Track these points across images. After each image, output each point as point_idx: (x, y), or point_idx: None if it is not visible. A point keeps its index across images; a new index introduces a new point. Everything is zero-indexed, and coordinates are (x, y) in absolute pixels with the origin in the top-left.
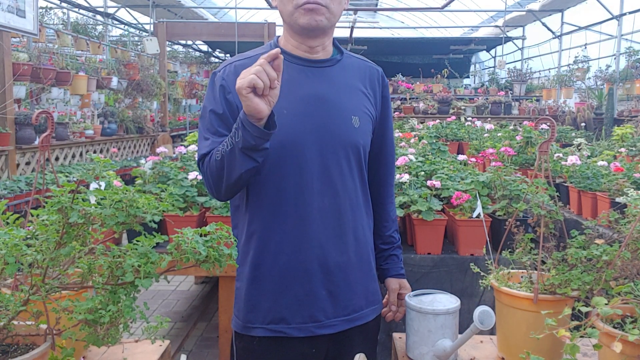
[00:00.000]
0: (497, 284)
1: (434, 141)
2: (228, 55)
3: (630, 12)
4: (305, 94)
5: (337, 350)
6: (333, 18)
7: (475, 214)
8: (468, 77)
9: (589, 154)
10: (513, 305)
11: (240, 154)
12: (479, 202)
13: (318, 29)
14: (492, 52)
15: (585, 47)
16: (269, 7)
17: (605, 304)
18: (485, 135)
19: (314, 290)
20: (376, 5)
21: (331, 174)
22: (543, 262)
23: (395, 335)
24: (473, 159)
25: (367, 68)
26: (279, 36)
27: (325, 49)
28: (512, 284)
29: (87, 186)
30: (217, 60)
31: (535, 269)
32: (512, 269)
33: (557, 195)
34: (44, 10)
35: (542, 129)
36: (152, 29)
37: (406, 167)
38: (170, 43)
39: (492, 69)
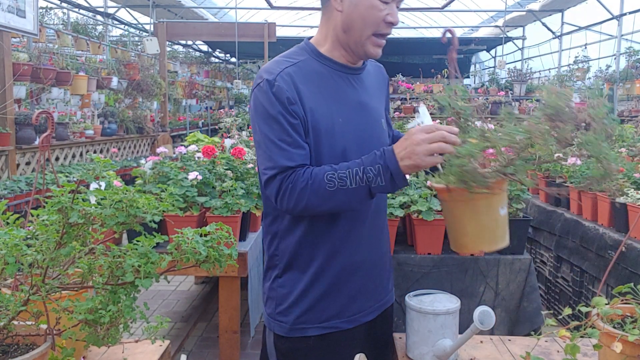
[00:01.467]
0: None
1: None
2: (228, 55)
3: (630, 12)
4: (352, 101)
5: (367, 338)
6: None
7: (412, 124)
8: (468, 77)
9: (589, 154)
10: (443, 198)
11: (368, 196)
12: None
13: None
14: (492, 52)
15: (586, 47)
16: (269, 7)
17: (606, 304)
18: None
19: (365, 284)
20: None
21: None
22: None
23: (396, 335)
24: None
25: (377, 69)
26: (310, 37)
27: None
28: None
29: (87, 186)
30: (217, 60)
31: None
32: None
33: (557, 195)
34: (44, 10)
35: None
36: (152, 29)
37: None
38: (170, 43)
39: (492, 69)
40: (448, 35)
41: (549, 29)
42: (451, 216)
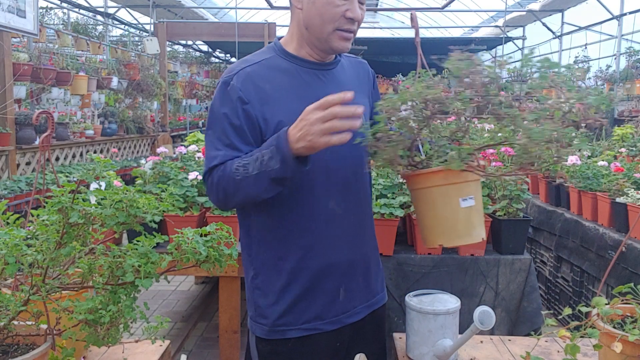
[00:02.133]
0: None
1: None
2: (228, 55)
3: (630, 12)
4: (319, 97)
5: (355, 339)
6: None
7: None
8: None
9: (589, 154)
10: (424, 185)
11: (269, 182)
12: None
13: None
14: (493, 52)
15: (586, 47)
16: (269, 7)
17: (606, 304)
18: (486, 135)
19: (346, 284)
20: (376, 5)
21: (355, 174)
22: None
23: (395, 335)
24: None
25: (357, 64)
26: (280, 37)
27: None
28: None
29: (88, 186)
30: (217, 60)
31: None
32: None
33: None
34: (44, 10)
35: None
36: (152, 29)
37: None
38: (170, 43)
39: None
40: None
41: (549, 29)
42: (414, 207)
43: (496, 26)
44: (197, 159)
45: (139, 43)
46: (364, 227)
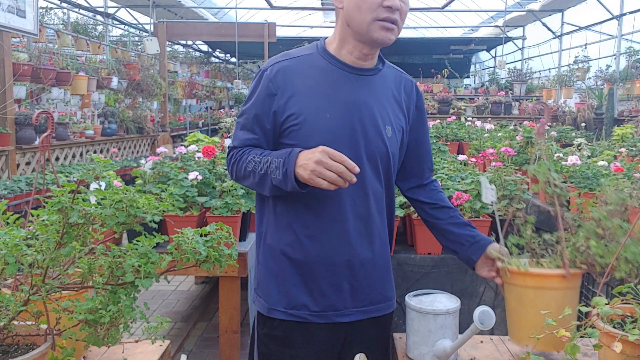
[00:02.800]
0: (519, 267)
1: (434, 141)
2: (228, 55)
3: (630, 12)
4: (348, 100)
5: (353, 339)
6: (399, 33)
7: (486, 199)
8: (468, 77)
9: (589, 154)
10: (541, 286)
11: (271, 185)
12: (487, 186)
13: (388, 45)
14: (492, 52)
15: (586, 47)
16: (269, 7)
17: (606, 304)
18: (486, 135)
19: (338, 283)
20: None
21: (364, 178)
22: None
23: (396, 335)
24: (473, 159)
25: (402, 79)
26: (325, 38)
27: (373, 58)
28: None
29: (87, 186)
30: (217, 60)
31: (541, 256)
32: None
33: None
34: (44, 10)
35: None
36: (152, 29)
37: None
38: (170, 43)
39: (492, 69)
40: None
41: (549, 29)
42: (509, 300)
43: (496, 26)
44: (197, 159)
45: (139, 43)
46: (372, 231)
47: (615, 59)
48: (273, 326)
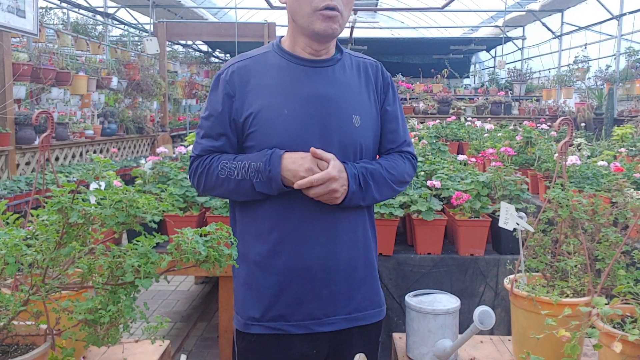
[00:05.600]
0: (534, 294)
1: (434, 141)
2: (228, 55)
3: (630, 12)
4: (307, 94)
5: (337, 351)
6: (344, 24)
7: (505, 224)
8: (468, 77)
9: (589, 154)
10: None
11: (252, 190)
12: (508, 211)
13: (332, 36)
14: (492, 52)
15: (585, 47)
16: (269, 7)
17: (606, 304)
18: (485, 135)
19: (315, 289)
20: (376, 5)
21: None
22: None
23: (395, 335)
24: (473, 159)
25: (365, 64)
26: (281, 36)
27: (328, 51)
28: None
29: (87, 186)
30: (217, 60)
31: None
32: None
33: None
34: (44, 10)
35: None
36: (152, 29)
37: None
38: (170, 43)
39: (492, 69)
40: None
41: (549, 29)
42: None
43: (496, 26)
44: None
45: (139, 43)
46: (346, 229)
47: (615, 59)
48: (251, 341)
